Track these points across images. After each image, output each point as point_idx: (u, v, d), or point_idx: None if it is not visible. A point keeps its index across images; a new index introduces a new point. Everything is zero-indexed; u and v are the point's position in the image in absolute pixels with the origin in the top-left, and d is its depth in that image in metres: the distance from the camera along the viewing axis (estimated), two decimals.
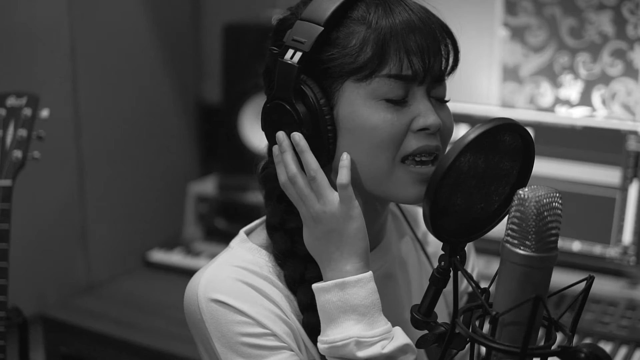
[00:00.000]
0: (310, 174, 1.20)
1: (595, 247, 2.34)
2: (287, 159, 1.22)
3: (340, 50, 1.19)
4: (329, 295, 1.19)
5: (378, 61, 1.17)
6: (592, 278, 1.06)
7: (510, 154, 1.13)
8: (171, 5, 3.02)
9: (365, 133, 1.18)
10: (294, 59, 1.19)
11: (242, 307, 1.22)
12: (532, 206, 0.99)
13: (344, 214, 1.19)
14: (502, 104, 2.62)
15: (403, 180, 1.20)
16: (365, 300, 1.18)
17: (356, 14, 1.20)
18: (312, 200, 1.20)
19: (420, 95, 1.20)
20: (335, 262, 1.21)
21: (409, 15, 1.19)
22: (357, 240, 1.20)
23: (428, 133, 1.20)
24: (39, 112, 1.88)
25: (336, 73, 1.20)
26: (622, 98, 2.47)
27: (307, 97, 1.19)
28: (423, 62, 1.18)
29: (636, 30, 2.41)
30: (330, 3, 1.19)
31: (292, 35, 1.20)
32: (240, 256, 1.29)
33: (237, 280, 1.24)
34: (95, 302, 2.58)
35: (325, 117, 1.19)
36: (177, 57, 3.05)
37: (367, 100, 1.18)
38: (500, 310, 1.02)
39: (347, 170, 1.19)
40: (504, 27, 2.59)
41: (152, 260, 2.75)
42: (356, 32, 1.19)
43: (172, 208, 3.00)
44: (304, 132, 1.20)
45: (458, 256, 1.15)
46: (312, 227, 1.22)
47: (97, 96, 2.72)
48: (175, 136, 3.10)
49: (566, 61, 2.52)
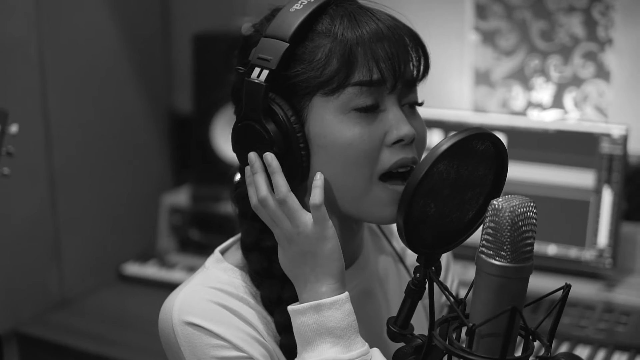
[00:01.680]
0: (280, 197, 1.17)
1: (570, 251, 2.34)
2: (258, 180, 1.19)
3: (306, 66, 1.17)
4: (305, 318, 1.17)
5: (345, 71, 1.15)
6: (568, 286, 1.06)
7: (483, 163, 1.12)
8: (140, 16, 3.00)
9: (338, 150, 1.16)
10: (260, 77, 1.16)
11: (217, 330, 1.19)
12: (507, 216, 0.98)
13: (317, 235, 1.17)
14: (474, 109, 2.62)
15: (380, 199, 1.17)
16: (342, 322, 1.16)
17: (321, 27, 1.18)
18: (285, 222, 1.18)
19: (391, 104, 1.18)
20: (310, 284, 1.18)
21: (376, 24, 1.17)
22: (332, 261, 1.18)
23: (403, 144, 1.18)
24: (8, 128, 1.86)
25: (304, 89, 1.17)
26: (594, 100, 2.47)
27: (276, 115, 1.16)
28: (393, 68, 1.16)
29: (607, 32, 2.42)
30: (294, 18, 1.17)
31: (257, 53, 1.18)
32: (215, 277, 1.26)
33: (212, 302, 1.21)
34: (70, 317, 2.56)
35: (297, 135, 1.17)
36: (148, 68, 3.03)
37: (337, 115, 1.16)
38: (477, 321, 1.01)
39: (320, 190, 1.16)
40: (475, 31, 2.59)
41: (126, 273, 2.73)
42: (322, 46, 1.17)
43: (146, 220, 2.98)
44: (276, 151, 1.17)
45: (433, 267, 1.14)
46: (286, 249, 1.19)
47: (68, 109, 2.69)
48: (147, 147, 3.08)
49: (537, 64, 2.53)
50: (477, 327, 1.01)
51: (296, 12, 1.18)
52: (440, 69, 2.64)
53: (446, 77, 2.64)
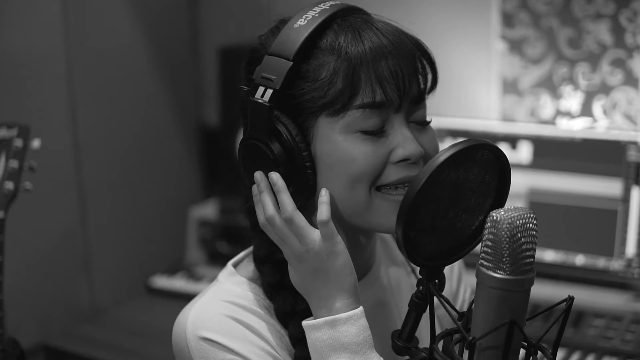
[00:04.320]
0: (286, 215, 1.16)
1: (598, 260, 2.31)
2: (264, 199, 1.18)
3: (311, 84, 1.15)
4: (320, 333, 1.16)
5: (349, 93, 1.14)
6: (571, 299, 1.05)
7: (485, 174, 1.10)
8: (168, 28, 3.02)
9: (343, 167, 1.15)
10: (264, 97, 1.15)
11: (231, 345, 1.19)
12: (505, 228, 0.97)
13: (327, 251, 1.15)
14: (502, 118, 2.59)
15: (383, 208, 1.16)
16: (357, 337, 1.15)
17: (325, 43, 1.16)
18: (293, 240, 1.17)
19: (398, 124, 1.17)
20: (324, 300, 1.17)
21: (380, 40, 1.15)
22: (344, 276, 1.16)
23: (409, 163, 1.16)
24: (31, 143, 1.87)
25: (309, 108, 1.16)
26: (623, 107, 2.44)
27: (281, 135, 1.15)
28: (397, 88, 1.15)
29: (635, 39, 2.39)
30: (297, 34, 1.15)
31: (260, 71, 1.16)
32: (229, 290, 1.26)
33: (226, 316, 1.21)
34: (98, 330, 2.57)
35: (302, 154, 1.16)
36: (176, 81, 3.04)
37: (343, 135, 1.15)
38: (478, 335, 1.00)
39: (326, 206, 1.15)
40: (502, 39, 2.57)
41: (154, 286, 2.74)
42: (326, 64, 1.15)
43: (175, 233, 2.99)
44: (282, 171, 1.16)
45: (437, 280, 1.13)
46: (296, 267, 1.18)
47: (97, 123, 2.71)
48: (176, 160, 3.09)
49: (565, 72, 2.50)
50: (477, 340, 0.99)
51: (300, 28, 1.16)
52: (467, 78, 2.62)
53: (473, 86, 2.62)
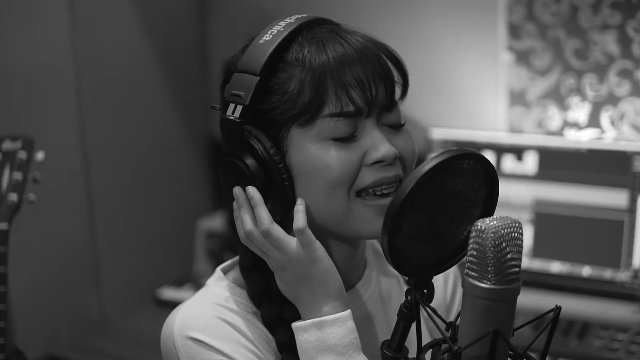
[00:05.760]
0: (263, 228, 1.17)
1: (605, 272, 2.30)
2: (242, 214, 1.20)
3: (280, 97, 1.17)
4: (307, 335, 1.17)
5: (317, 103, 1.15)
6: (559, 309, 1.04)
7: (473, 183, 1.10)
8: (178, 42, 3.03)
9: (319, 174, 1.17)
10: (235, 113, 1.17)
11: (218, 345, 1.20)
12: (490, 237, 0.96)
13: (308, 258, 1.17)
14: (510, 129, 2.59)
15: (363, 215, 1.18)
16: (343, 339, 1.16)
17: (290, 56, 1.18)
18: (274, 251, 1.18)
19: (369, 127, 1.18)
20: (311, 305, 1.18)
21: (344, 48, 1.17)
22: (327, 281, 1.18)
23: (384, 165, 1.18)
24: (35, 155, 1.89)
25: (280, 121, 1.18)
26: (630, 118, 2.43)
27: (255, 150, 1.17)
28: (364, 94, 1.16)
29: None
30: (263, 49, 1.17)
31: (230, 89, 1.19)
32: (217, 294, 1.28)
33: (214, 316, 1.22)
34: (106, 341, 2.58)
35: (278, 167, 1.17)
36: (185, 93, 3.06)
37: (315, 143, 1.17)
38: (465, 344, 1.00)
39: (301, 214, 1.17)
40: (509, 51, 2.56)
41: (162, 297, 2.75)
42: (293, 76, 1.17)
43: (183, 245, 3.00)
44: (258, 185, 1.18)
45: (425, 290, 1.13)
46: (281, 276, 1.20)
47: (106, 136, 2.73)
48: (184, 173, 3.11)
49: (573, 83, 2.49)
50: (462, 350, 0.99)
51: (265, 43, 1.18)
52: (474, 90, 2.62)
53: (481, 98, 2.62)
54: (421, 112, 2.57)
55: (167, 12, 2.98)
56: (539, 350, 1.08)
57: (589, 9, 2.43)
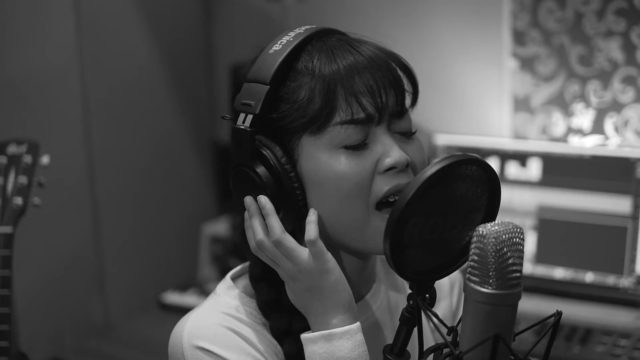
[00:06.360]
0: (275, 238, 1.17)
1: (608, 278, 2.30)
2: (254, 224, 1.19)
3: (290, 106, 1.17)
4: (316, 347, 1.17)
5: (328, 110, 1.16)
6: (560, 314, 1.05)
7: (475, 188, 1.11)
8: (183, 47, 3.04)
9: (331, 184, 1.16)
10: (245, 123, 1.17)
11: (227, 355, 1.20)
12: (491, 243, 0.97)
13: (319, 269, 1.16)
14: (514, 136, 2.60)
15: (379, 228, 1.14)
16: (352, 352, 1.16)
17: (300, 65, 1.18)
18: (285, 261, 1.18)
19: (380, 134, 1.18)
20: (321, 316, 1.18)
21: (354, 57, 1.18)
22: (337, 292, 1.18)
23: (396, 171, 1.17)
24: (40, 159, 1.90)
25: (291, 129, 1.18)
26: (634, 125, 2.44)
27: (266, 159, 1.17)
28: (375, 101, 1.16)
29: None
30: (273, 59, 1.17)
31: (240, 99, 1.19)
32: (226, 303, 1.27)
33: (223, 326, 1.22)
34: (110, 345, 2.58)
35: (289, 175, 1.17)
36: (190, 98, 3.07)
37: (326, 151, 1.17)
38: (466, 349, 1.00)
39: (313, 225, 1.16)
40: (513, 57, 2.57)
41: (166, 302, 2.76)
42: (303, 84, 1.17)
43: (187, 249, 3.00)
44: (269, 194, 1.18)
45: (428, 295, 1.13)
46: (291, 286, 1.20)
47: (110, 140, 2.73)
48: (189, 177, 3.11)
49: (577, 90, 2.50)
50: (463, 354, 1.00)
51: (275, 53, 1.18)
52: (479, 96, 2.62)
53: (485, 104, 2.62)
54: (425, 118, 2.57)
55: (173, 18, 2.99)
56: (540, 355, 1.08)
57: (594, 15, 2.43)
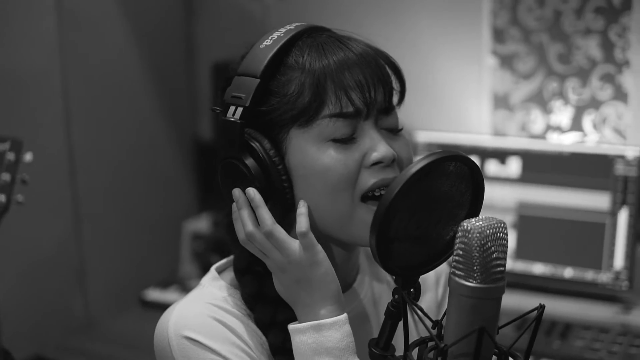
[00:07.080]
0: (266, 229, 1.18)
1: (587, 273, 2.33)
2: (243, 216, 1.21)
3: (280, 99, 1.19)
4: (304, 337, 1.18)
5: (317, 103, 1.17)
6: (542, 307, 1.06)
7: (459, 184, 1.12)
8: (164, 44, 3.04)
9: (318, 177, 1.18)
10: (235, 115, 1.19)
11: (213, 345, 1.21)
12: (475, 237, 0.99)
13: (309, 261, 1.18)
14: (494, 133, 2.62)
15: (365, 220, 1.17)
16: (340, 343, 1.17)
17: (290, 60, 1.20)
18: (275, 253, 1.19)
19: (367, 129, 1.20)
20: (309, 307, 1.19)
21: (344, 53, 1.20)
22: (326, 284, 1.19)
23: (382, 166, 1.19)
24: (23, 157, 1.89)
25: (280, 122, 1.20)
26: (613, 122, 2.46)
27: (255, 151, 1.19)
28: (364, 96, 1.18)
29: (624, 54, 2.41)
30: (263, 53, 1.20)
31: (230, 92, 1.20)
32: (211, 293, 1.28)
33: (208, 316, 1.23)
34: (92, 342, 2.58)
35: (277, 168, 1.19)
36: (171, 95, 3.07)
37: (314, 144, 1.18)
38: (451, 342, 1.02)
39: (304, 217, 1.18)
40: (492, 55, 2.59)
41: (148, 299, 2.75)
42: (293, 79, 1.19)
43: (169, 246, 3.01)
44: (258, 186, 1.19)
45: (412, 289, 1.15)
46: (280, 278, 1.21)
47: (91, 137, 2.73)
48: (170, 174, 3.11)
49: (556, 87, 2.52)
50: (448, 347, 1.01)
51: (266, 47, 1.20)
52: (458, 93, 2.64)
53: (465, 101, 2.64)
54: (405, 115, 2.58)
55: (154, 14, 2.99)
56: (523, 350, 1.10)
57: (573, 13, 2.45)
